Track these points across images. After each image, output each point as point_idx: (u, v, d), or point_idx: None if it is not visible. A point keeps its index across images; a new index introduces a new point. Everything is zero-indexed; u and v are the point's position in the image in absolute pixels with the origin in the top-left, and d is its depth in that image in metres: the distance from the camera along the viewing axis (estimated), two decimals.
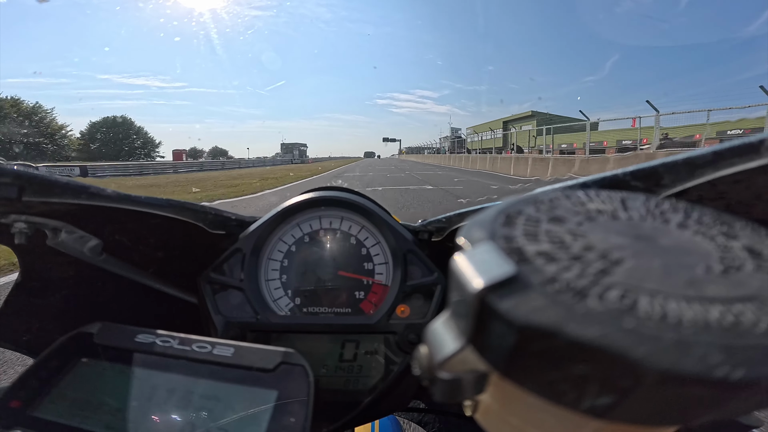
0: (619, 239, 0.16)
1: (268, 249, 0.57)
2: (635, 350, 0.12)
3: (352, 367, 0.54)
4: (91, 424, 0.34)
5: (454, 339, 0.16)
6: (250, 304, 0.54)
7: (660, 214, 0.19)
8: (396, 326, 0.53)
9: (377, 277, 0.56)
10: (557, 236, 0.17)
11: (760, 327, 0.13)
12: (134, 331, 0.40)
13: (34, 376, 0.37)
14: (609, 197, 0.20)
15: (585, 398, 0.13)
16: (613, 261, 0.15)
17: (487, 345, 0.15)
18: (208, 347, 0.39)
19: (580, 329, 0.12)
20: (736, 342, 0.12)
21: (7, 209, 0.39)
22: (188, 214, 0.50)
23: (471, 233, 0.17)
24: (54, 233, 0.44)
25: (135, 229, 0.49)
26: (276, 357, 0.38)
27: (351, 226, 0.57)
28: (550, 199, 0.20)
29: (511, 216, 0.18)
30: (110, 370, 0.38)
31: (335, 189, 0.60)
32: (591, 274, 0.14)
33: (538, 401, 0.15)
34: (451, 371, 0.17)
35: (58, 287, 0.48)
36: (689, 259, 0.16)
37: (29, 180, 0.37)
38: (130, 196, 0.44)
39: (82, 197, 0.40)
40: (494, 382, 0.17)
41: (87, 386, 0.37)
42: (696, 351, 0.12)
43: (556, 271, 0.14)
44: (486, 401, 0.18)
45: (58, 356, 0.39)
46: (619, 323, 0.12)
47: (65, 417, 0.35)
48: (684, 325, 0.12)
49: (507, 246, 0.16)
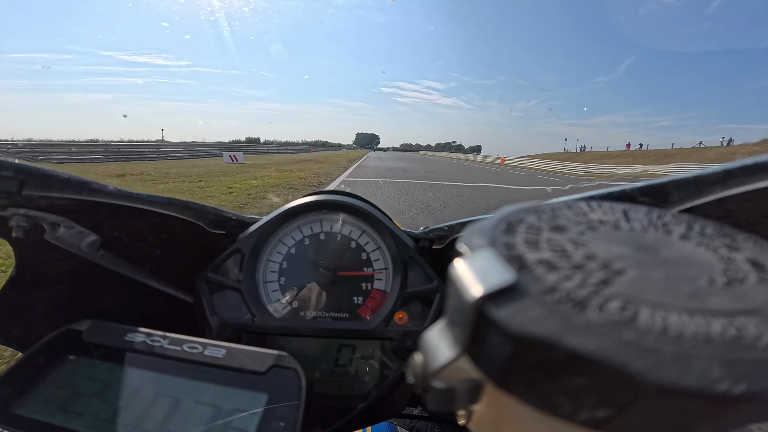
0: (621, 249, 0.16)
1: (267, 250, 0.56)
2: (634, 363, 0.11)
3: (347, 372, 0.54)
4: (74, 423, 0.33)
5: (449, 347, 0.16)
6: (246, 306, 0.54)
7: (663, 225, 0.19)
8: (393, 333, 0.53)
9: (376, 283, 0.56)
10: (558, 245, 0.16)
11: (762, 341, 0.12)
12: (124, 330, 0.40)
13: (19, 373, 0.37)
14: (611, 208, 0.20)
15: (582, 411, 0.13)
16: (615, 271, 0.15)
17: (483, 354, 0.14)
18: (199, 348, 0.38)
19: (579, 341, 0.12)
20: (738, 356, 0.12)
21: (7, 202, 0.39)
22: (189, 212, 0.50)
23: (471, 240, 0.17)
24: (52, 228, 0.44)
25: (134, 227, 0.49)
26: (268, 360, 0.37)
27: (352, 231, 0.57)
28: (551, 208, 0.20)
29: (513, 224, 0.18)
30: (98, 369, 0.38)
31: (338, 193, 0.59)
32: (592, 284, 0.14)
33: (534, 413, 0.14)
34: (446, 380, 0.16)
35: (53, 282, 0.48)
36: (692, 271, 0.15)
37: (30, 174, 0.37)
38: (132, 193, 0.44)
39: (83, 193, 0.40)
40: (489, 392, 0.16)
41: (73, 384, 0.37)
42: (697, 365, 0.11)
43: (557, 280, 0.14)
44: (480, 411, 0.18)
45: (45, 353, 0.38)
46: (619, 336, 0.12)
47: (49, 415, 0.34)
48: (685, 338, 0.12)
49: (508, 253, 0.16)
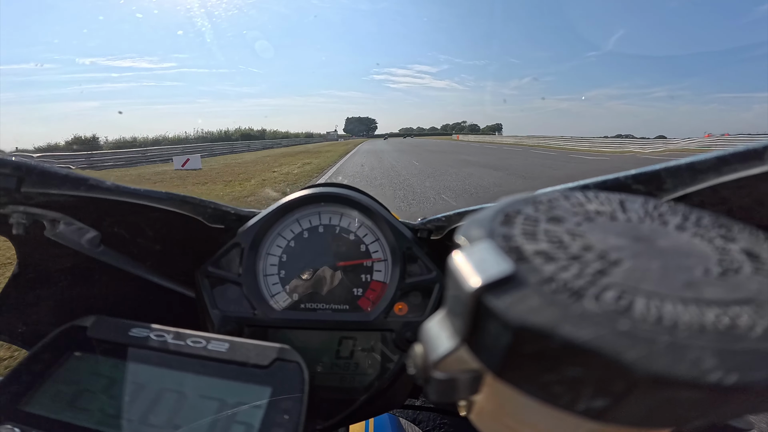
0: (618, 240, 0.16)
1: (266, 244, 0.56)
2: (628, 353, 0.12)
3: (348, 365, 0.54)
4: (81, 419, 0.34)
5: (449, 338, 0.16)
6: (247, 299, 0.54)
7: (659, 216, 0.19)
8: (393, 324, 0.53)
9: (376, 274, 0.56)
10: (556, 236, 0.17)
11: (755, 331, 0.12)
12: (128, 325, 0.40)
13: (26, 371, 0.37)
14: (608, 199, 0.20)
15: (579, 400, 0.13)
16: (611, 261, 0.15)
17: (482, 345, 0.14)
18: (202, 342, 0.38)
19: (575, 331, 0.12)
20: (730, 346, 0.12)
21: (6, 200, 0.39)
22: (187, 207, 0.50)
23: (469, 231, 0.17)
24: (52, 224, 0.44)
25: (133, 222, 0.49)
26: (271, 353, 0.38)
27: (350, 223, 0.57)
28: (549, 199, 0.20)
29: (510, 215, 0.18)
30: (103, 364, 0.38)
31: (336, 185, 0.59)
32: (589, 274, 0.14)
33: (533, 402, 0.15)
34: (446, 371, 0.17)
35: (55, 279, 0.48)
36: (687, 261, 0.15)
37: (28, 171, 0.37)
38: (129, 188, 0.43)
39: (81, 189, 0.40)
40: (489, 382, 0.17)
41: (80, 380, 0.37)
42: (690, 354, 0.12)
43: (554, 271, 0.14)
44: (480, 401, 0.18)
45: (50, 350, 0.39)
46: (614, 325, 0.12)
47: (56, 412, 0.34)
48: (679, 328, 0.12)
49: (505, 244, 0.16)
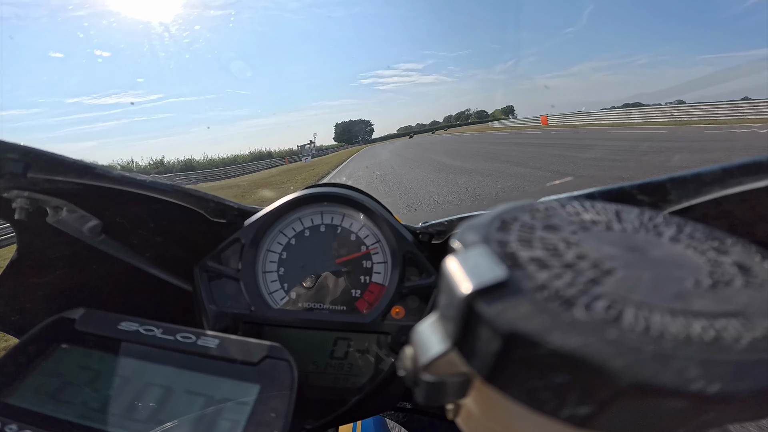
0: (612, 250, 0.16)
1: (267, 241, 0.57)
2: (614, 361, 0.12)
3: (342, 365, 0.54)
4: (65, 413, 0.33)
5: (439, 341, 0.16)
6: (245, 296, 0.54)
7: (653, 227, 0.19)
8: (390, 327, 0.53)
9: (375, 276, 0.56)
10: (551, 243, 0.17)
11: (740, 343, 0.13)
12: (117, 319, 0.40)
13: (11, 362, 0.36)
14: (604, 209, 0.20)
15: (565, 407, 0.13)
16: (604, 271, 0.15)
17: (472, 349, 0.15)
18: (192, 338, 0.38)
19: (563, 339, 0.12)
20: (714, 357, 0.12)
21: (11, 184, 0.39)
22: (191, 200, 0.50)
23: (465, 236, 0.17)
24: (55, 211, 0.44)
25: (136, 213, 0.49)
26: (261, 351, 0.37)
27: (352, 224, 0.57)
28: (545, 207, 0.20)
29: (507, 222, 0.18)
30: (90, 358, 0.37)
31: (339, 186, 0.60)
32: (581, 282, 0.14)
33: (520, 408, 0.15)
34: (436, 374, 0.17)
35: (52, 267, 0.48)
36: (679, 273, 0.16)
37: (36, 157, 0.38)
38: (135, 179, 0.44)
39: (87, 177, 0.40)
40: (477, 387, 0.17)
41: (64, 373, 0.36)
42: (674, 364, 0.12)
43: (547, 278, 0.14)
44: (468, 406, 0.18)
45: (37, 341, 0.38)
46: (602, 334, 0.12)
47: (38, 404, 0.34)
48: (665, 338, 0.12)
49: (500, 250, 0.16)
